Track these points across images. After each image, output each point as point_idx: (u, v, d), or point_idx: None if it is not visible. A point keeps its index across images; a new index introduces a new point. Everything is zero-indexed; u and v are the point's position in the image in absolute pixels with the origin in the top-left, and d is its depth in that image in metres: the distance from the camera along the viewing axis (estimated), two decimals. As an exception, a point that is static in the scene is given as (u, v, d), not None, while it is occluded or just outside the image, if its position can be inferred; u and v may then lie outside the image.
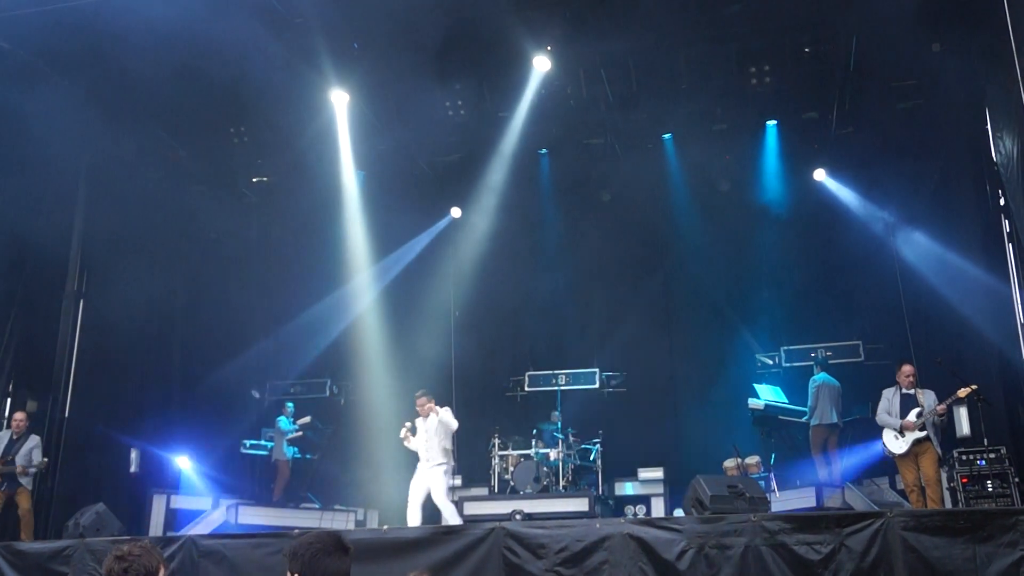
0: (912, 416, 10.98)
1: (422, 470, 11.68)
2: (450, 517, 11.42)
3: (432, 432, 11.64)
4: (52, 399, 13.92)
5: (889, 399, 11.33)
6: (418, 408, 11.78)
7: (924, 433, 10.89)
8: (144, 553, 4.00)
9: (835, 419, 14.05)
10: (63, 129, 13.50)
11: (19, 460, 12.29)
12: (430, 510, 11.87)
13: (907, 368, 11.44)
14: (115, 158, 15.15)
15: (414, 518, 11.45)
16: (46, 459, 12.67)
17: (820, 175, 15.95)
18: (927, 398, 11.06)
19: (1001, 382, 12.96)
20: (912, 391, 11.21)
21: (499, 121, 15.26)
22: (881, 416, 11.33)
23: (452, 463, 11.90)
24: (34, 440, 12.58)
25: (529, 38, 13.32)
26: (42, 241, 14.52)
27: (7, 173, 13.72)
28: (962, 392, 10.87)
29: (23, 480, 12.36)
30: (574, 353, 17.17)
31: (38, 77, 13.14)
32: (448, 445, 11.76)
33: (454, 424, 11.69)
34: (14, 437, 12.51)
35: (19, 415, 12.77)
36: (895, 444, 11.13)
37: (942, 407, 10.87)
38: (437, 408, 11.73)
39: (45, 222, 14.50)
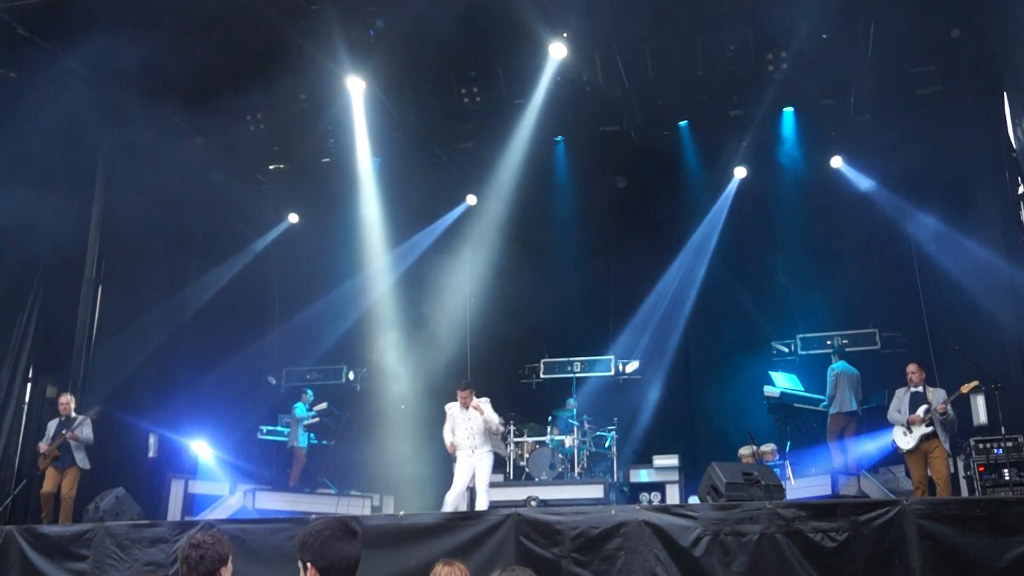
0: (919, 411, 11.03)
1: (466, 458, 11.64)
2: (480, 503, 11.43)
3: (475, 421, 11.74)
4: (71, 385, 14.02)
5: (900, 397, 11.48)
6: (461, 400, 11.83)
7: (931, 429, 10.94)
8: (216, 542, 4.26)
9: (854, 407, 14.06)
10: (81, 117, 13.60)
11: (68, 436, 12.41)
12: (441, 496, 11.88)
13: (911, 367, 11.58)
14: (132, 145, 15.20)
15: (453, 503, 11.46)
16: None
17: (837, 162, 15.87)
18: (936, 395, 11.17)
19: (1019, 370, 12.90)
20: (921, 388, 11.32)
21: (515, 108, 15.20)
22: (891, 414, 11.48)
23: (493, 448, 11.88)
24: (81, 418, 12.63)
25: (545, 25, 13.27)
26: (61, 228, 14.62)
27: (26, 161, 13.80)
28: (965, 388, 11.02)
29: (78, 456, 12.40)
30: (589, 340, 17.18)
31: (55, 64, 13.19)
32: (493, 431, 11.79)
33: (495, 420, 11.76)
34: (63, 419, 12.62)
35: (63, 398, 12.79)
36: (903, 440, 11.22)
37: (941, 406, 10.93)
38: (479, 402, 11.81)
39: (64, 209, 14.60)
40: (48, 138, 13.65)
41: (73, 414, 12.73)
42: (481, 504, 11.30)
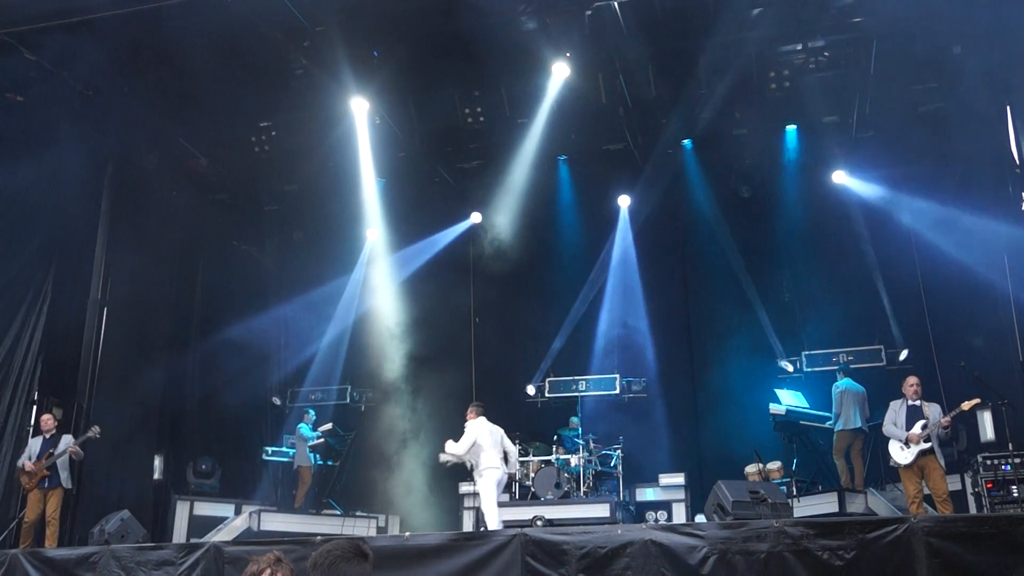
0: (917, 428, 10.95)
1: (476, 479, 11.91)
2: (488, 522, 11.47)
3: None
4: (77, 406, 14.03)
5: (896, 411, 11.33)
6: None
7: (929, 445, 10.86)
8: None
9: (859, 423, 13.98)
10: (87, 138, 13.67)
11: (57, 455, 12.35)
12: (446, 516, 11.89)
13: (911, 379, 11.44)
14: (138, 167, 15.29)
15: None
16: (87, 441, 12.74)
17: (840, 179, 15.86)
18: (932, 411, 11.05)
19: (1025, 386, 12.86)
20: (918, 402, 11.20)
21: (518, 128, 15.27)
22: (887, 427, 11.31)
23: (502, 468, 11.82)
24: (67, 440, 12.58)
25: (548, 44, 13.32)
26: (66, 250, 14.66)
27: (33, 185, 13.84)
28: (966, 405, 10.86)
29: (63, 475, 12.34)
30: (594, 359, 17.15)
31: (61, 87, 13.27)
32: (484, 451, 11.76)
33: (459, 450, 11.75)
34: (47, 438, 12.53)
35: (46, 416, 12.75)
36: (900, 455, 11.08)
37: (946, 420, 10.84)
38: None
39: (69, 230, 14.64)
40: (54, 160, 13.70)
41: (78, 435, 12.72)
42: (488, 524, 11.31)
